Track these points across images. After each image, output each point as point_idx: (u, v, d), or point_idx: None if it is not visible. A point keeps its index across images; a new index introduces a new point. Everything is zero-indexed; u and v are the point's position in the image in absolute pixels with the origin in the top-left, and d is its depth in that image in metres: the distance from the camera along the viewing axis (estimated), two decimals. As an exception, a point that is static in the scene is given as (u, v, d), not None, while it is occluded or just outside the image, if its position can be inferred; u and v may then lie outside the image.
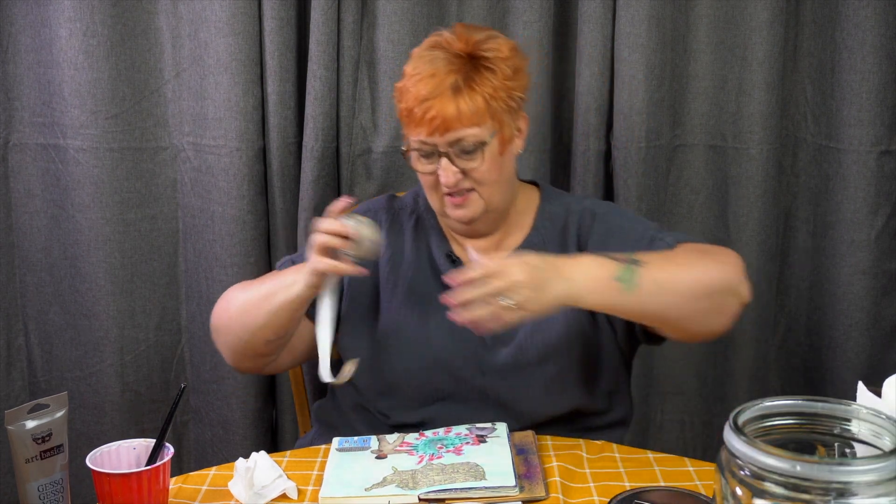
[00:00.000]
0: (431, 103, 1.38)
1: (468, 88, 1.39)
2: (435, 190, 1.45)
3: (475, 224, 1.48)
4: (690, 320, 1.35)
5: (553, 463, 1.32)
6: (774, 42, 1.85)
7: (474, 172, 1.41)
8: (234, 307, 1.48)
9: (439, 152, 1.40)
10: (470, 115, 1.38)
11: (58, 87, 1.84)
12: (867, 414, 0.96)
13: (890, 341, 1.93)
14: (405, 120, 1.42)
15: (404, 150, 1.45)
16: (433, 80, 1.39)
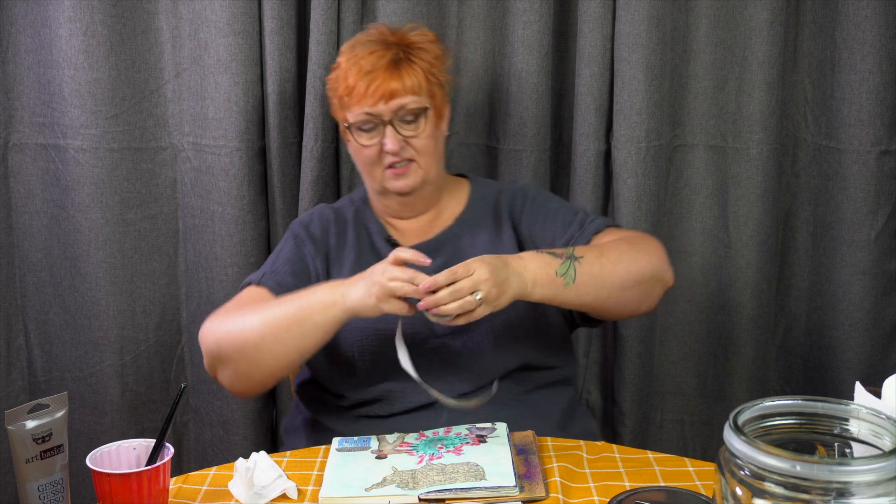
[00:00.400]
0: (375, 74, 1.52)
1: (407, 61, 1.54)
2: (376, 164, 1.56)
3: (412, 197, 1.59)
4: (622, 307, 1.50)
5: (553, 463, 1.32)
6: (774, 42, 1.85)
7: (415, 141, 1.54)
8: (253, 334, 1.41)
9: (384, 122, 1.53)
10: (411, 84, 1.53)
11: (58, 87, 1.84)
12: (867, 414, 0.96)
13: (890, 341, 1.93)
14: (346, 99, 1.54)
15: (346, 127, 1.56)
16: (373, 55, 1.53)
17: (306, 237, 1.60)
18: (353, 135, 1.56)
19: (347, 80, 1.54)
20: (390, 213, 1.64)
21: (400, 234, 1.63)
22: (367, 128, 1.54)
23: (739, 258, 1.94)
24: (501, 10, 1.89)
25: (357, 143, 1.56)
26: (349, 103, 1.54)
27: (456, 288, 1.31)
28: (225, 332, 1.44)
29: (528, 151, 1.90)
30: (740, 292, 1.94)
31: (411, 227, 1.64)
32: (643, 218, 1.88)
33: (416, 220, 1.64)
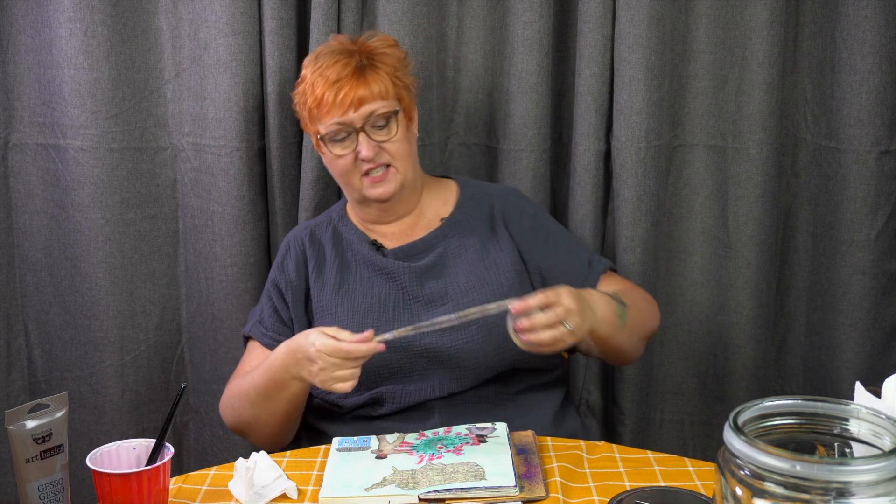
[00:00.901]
0: (343, 83, 1.53)
1: (371, 68, 1.56)
2: (352, 173, 1.57)
3: (392, 202, 1.61)
4: (629, 354, 1.60)
5: (553, 463, 1.32)
6: (774, 42, 1.85)
7: (389, 145, 1.56)
8: (247, 415, 1.54)
9: (356, 129, 1.54)
10: (378, 90, 1.54)
11: (58, 87, 1.84)
12: (866, 414, 0.96)
13: (890, 341, 1.93)
14: (315, 111, 1.56)
15: (318, 139, 1.57)
16: (338, 65, 1.54)
17: (281, 278, 1.64)
18: (327, 146, 1.57)
19: (315, 92, 1.55)
20: (371, 219, 1.65)
21: (382, 238, 1.64)
22: (340, 137, 1.56)
23: (739, 258, 1.94)
24: (501, 10, 1.89)
25: (331, 153, 1.57)
26: (318, 115, 1.55)
27: (551, 317, 1.32)
28: (232, 419, 1.59)
29: (528, 151, 1.90)
30: (740, 292, 1.94)
31: (393, 231, 1.65)
32: (643, 218, 1.88)
33: (398, 224, 1.65)
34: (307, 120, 1.60)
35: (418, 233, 1.63)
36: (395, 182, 1.58)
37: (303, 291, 1.62)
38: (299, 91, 1.60)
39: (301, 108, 1.61)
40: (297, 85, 1.62)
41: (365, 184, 1.58)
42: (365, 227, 1.66)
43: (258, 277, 1.91)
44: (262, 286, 1.90)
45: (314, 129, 1.58)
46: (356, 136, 1.55)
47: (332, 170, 1.62)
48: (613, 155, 1.88)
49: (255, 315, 1.67)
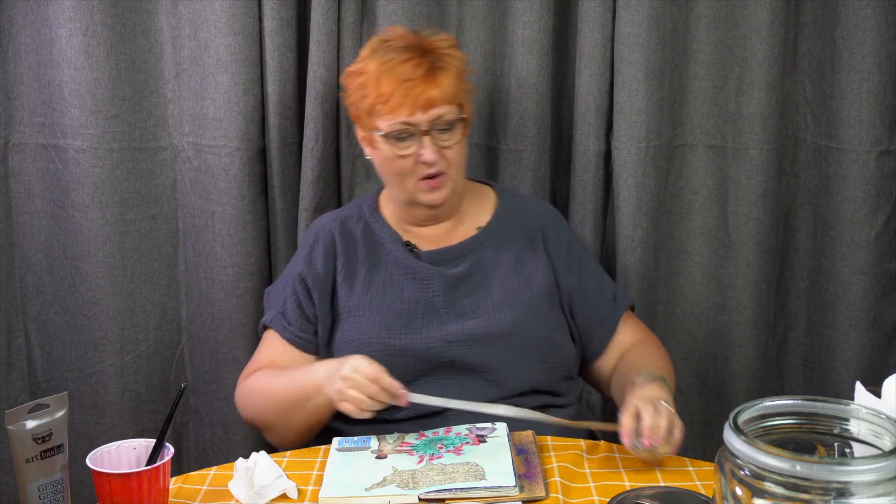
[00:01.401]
0: (414, 83, 1.48)
1: (441, 70, 1.50)
2: (409, 176, 1.53)
3: (441, 208, 1.58)
4: None
5: (553, 463, 1.32)
6: (774, 42, 1.85)
7: (448, 151, 1.52)
8: (268, 415, 1.53)
9: (420, 131, 1.50)
10: (448, 94, 1.50)
11: (58, 87, 1.84)
12: (866, 414, 0.96)
13: (890, 341, 1.93)
14: (379, 108, 1.50)
15: (372, 134, 1.53)
16: (410, 63, 1.49)
17: (308, 273, 1.59)
18: (387, 144, 1.52)
19: (381, 88, 1.50)
20: (412, 221, 1.62)
21: (417, 239, 1.62)
22: (402, 137, 1.51)
23: (739, 258, 1.94)
24: (501, 10, 1.89)
25: (391, 152, 1.52)
26: (382, 111, 1.50)
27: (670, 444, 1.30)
28: (250, 413, 1.58)
29: (528, 151, 1.90)
30: (740, 292, 1.94)
31: (430, 234, 1.62)
32: (643, 218, 1.88)
33: (436, 227, 1.63)
34: (363, 113, 1.54)
35: (454, 239, 1.61)
36: (448, 189, 1.55)
37: (329, 287, 1.59)
38: (357, 83, 1.55)
39: (358, 99, 1.55)
40: (353, 75, 1.56)
41: (420, 187, 1.54)
42: (400, 226, 1.63)
43: (258, 277, 1.91)
44: (262, 286, 1.91)
45: (371, 124, 1.53)
46: (419, 138, 1.50)
47: (385, 167, 1.57)
48: (613, 155, 1.88)
49: (276, 304, 1.62)
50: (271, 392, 1.52)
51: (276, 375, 1.54)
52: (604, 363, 1.62)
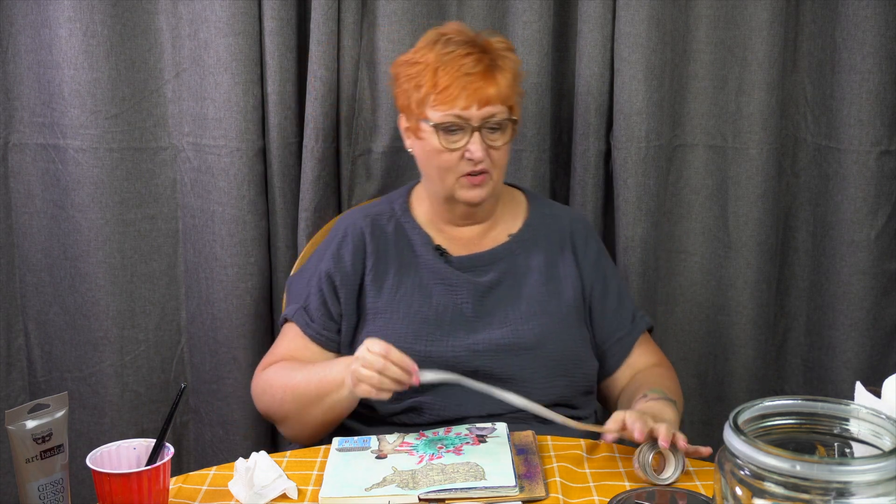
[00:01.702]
0: (474, 78, 1.48)
1: (499, 69, 1.51)
2: (452, 171, 1.52)
3: (478, 208, 1.56)
4: None
5: (553, 463, 1.32)
6: (774, 42, 1.85)
7: (494, 152, 1.51)
8: (284, 408, 1.51)
9: (472, 127, 1.48)
10: (504, 93, 1.50)
11: (58, 87, 1.84)
12: (866, 414, 0.96)
13: (890, 341, 1.93)
14: (434, 98, 1.49)
15: (423, 125, 1.50)
16: (470, 58, 1.48)
17: (337, 271, 1.56)
18: (436, 136, 1.50)
19: (437, 78, 1.48)
20: (448, 220, 1.60)
21: (449, 241, 1.59)
22: (454, 129, 1.49)
23: (739, 258, 1.94)
24: (501, 10, 1.89)
25: (439, 145, 1.50)
26: (436, 102, 1.49)
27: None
28: (266, 405, 1.55)
29: (528, 151, 1.90)
30: (740, 292, 1.94)
31: (462, 237, 1.60)
32: (643, 218, 1.88)
33: (469, 230, 1.61)
34: (414, 102, 1.52)
35: (485, 244, 1.59)
36: (488, 189, 1.53)
37: (357, 286, 1.56)
38: (411, 72, 1.53)
39: (410, 88, 1.53)
40: (406, 64, 1.55)
41: (462, 183, 1.52)
42: (433, 226, 1.60)
43: (258, 277, 1.91)
44: (263, 286, 1.91)
45: (421, 114, 1.51)
46: (469, 134, 1.49)
47: (428, 160, 1.54)
48: (613, 155, 1.88)
49: (299, 298, 1.59)
50: (290, 385, 1.49)
51: (295, 369, 1.51)
52: (614, 382, 1.60)
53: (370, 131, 1.90)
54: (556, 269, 1.58)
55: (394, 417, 1.49)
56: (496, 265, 1.57)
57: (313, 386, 1.45)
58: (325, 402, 1.44)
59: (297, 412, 1.49)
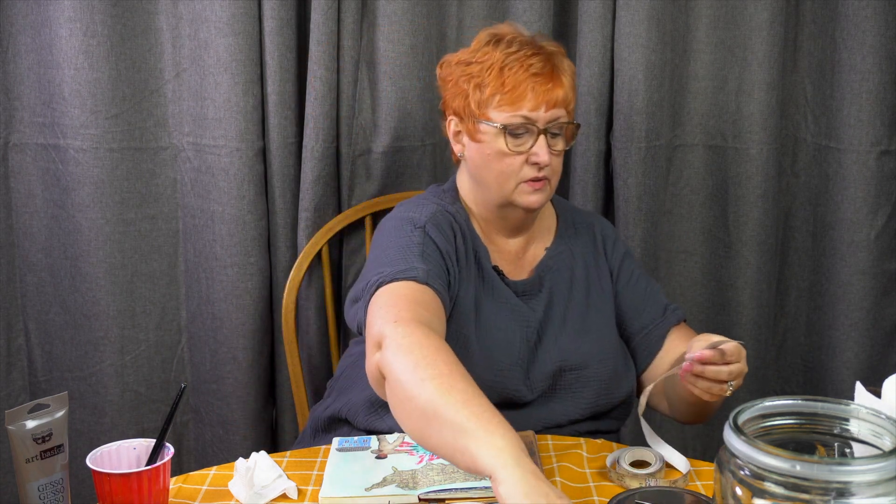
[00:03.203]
0: (543, 78, 1.42)
1: (563, 71, 1.46)
2: (513, 176, 1.45)
3: (531, 216, 1.52)
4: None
5: (553, 463, 1.32)
6: (774, 42, 1.85)
7: (555, 159, 1.45)
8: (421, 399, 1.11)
9: (538, 130, 1.43)
10: (569, 96, 1.46)
11: (58, 87, 1.84)
12: (867, 414, 0.96)
13: (890, 341, 1.93)
14: (500, 97, 1.42)
15: (498, 126, 1.42)
16: (538, 58, 1.43)
17: (441, 240, 1.43)
18: (500, 138, 1.43)
19: (504, 78, 1.42)
20: (498, 228, 1.53)
21: (499, 257, 1.52)
22: (519, 132, 1.43)
23: (739, 258, 1.94)
24: (501, 11, 1.89)
25: (503, 148, 1.43)
26: (502, 102, 1.42)
27: (728, 370, 1.29)
28: (401, 369, 1.16)
29: (528, 151, 1.90)
30: (740, 292, 1.94)
31: (509, 250, 1.54)
32: (643, 218, 1.88)
33: (514, 242, 1.55)
34: (474, 102, 1.44)
35: (528, 259, 1.54)
36: (546, 194, 1.47)
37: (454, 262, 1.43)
38: (470, 71, 1.45)
39: (469, 89, 1.45)
40: (462, 64, 1.47)
41: (521, 188, 1.45)
42: (487, 237, 1.52)
43: (258, 277, 1.91)
44: (263, 286, 1.91)
45: (482, 115, 1.44)
46: (535, 136, 1.43)
47: (487, 163, 1.45)
48: (613, 155, 1.89)
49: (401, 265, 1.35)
50: (438, 393, 1.11)
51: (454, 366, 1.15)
52: (652, 375, 1.54)
53: (370, 131, 1.90)
54: (593, 278, 1.55)
55: None
56: (544, 287, 1.51)
57: (456, 427, 1.08)
58: (454, 446, 1.08)
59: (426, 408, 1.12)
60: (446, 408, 1.09)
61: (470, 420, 1.07)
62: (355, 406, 1.48)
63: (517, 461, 1.04)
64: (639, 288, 1.57)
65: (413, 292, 1.31)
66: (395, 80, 1.86)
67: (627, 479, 1.26)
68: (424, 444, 1.15)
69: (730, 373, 1.30)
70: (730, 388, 1.31)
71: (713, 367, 1.29)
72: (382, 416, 1.44)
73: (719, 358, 1.29)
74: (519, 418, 1.39)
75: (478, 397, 1.11)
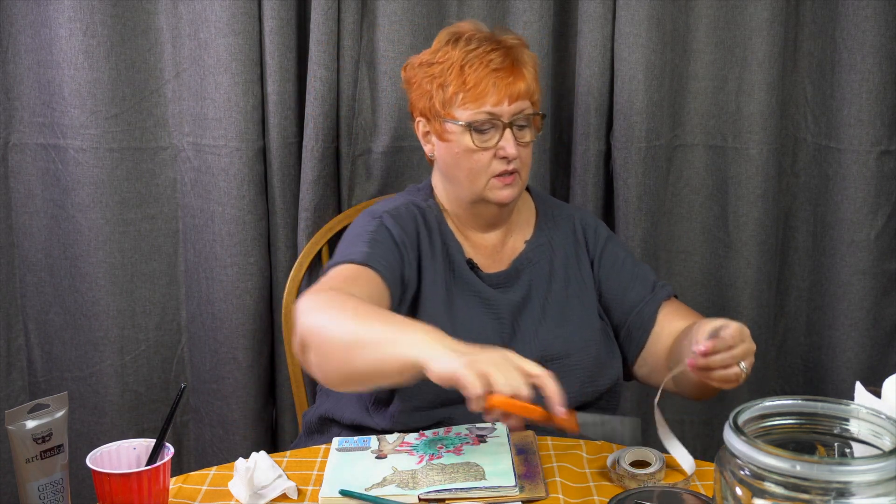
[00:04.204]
0: (504, 73, 1.44)
1: (523, 63, 1.46)
2: (482, 172, 1.47)
3: (506, 209, 1.52)
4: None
5: (553, 463, 1.32)
6: (774, 42, 1.85)
7: (523, 151, 1.47)
8: (334, 340, 1.23)
9: (503, 124, 1.44)
10: (531, 88, 1.47)
11: (58, 87, 1.84)
12: (867, 414, 0.96)
13: (890, 341, 1.93)
14: (463, 95, 1.44)
15: (463, 124, 1.45)
16: (497, 53, 1.45)
17: (397, 228, 1.46)
18: (467, 136, 1.45)
19: (466, 76, 1.43)
20: (472, 224, 1.55)
21: (474, 251, 1.54)
22: (485, 127, 1.45)
23: (739, 258, 1.94)
24: (501, 10, 1.89)
25: (470, 145, 1.45)
26: (465, 100, 1.44)
27: (732, 354, 1.25)
28: (317, 323, 1.25)
29: (527, 151, 1.90)
30: (740, 292, 1.94)
31: (485, 244, 1.55)
32: (643, 218, 1.88)
33: (490, 236, 1.56)
34: (439, 103, 1.47)
35: (506, 252, 1.55)
36: (518, 188, 1.48)
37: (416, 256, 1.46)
38: (433, 71, 1.47)
39: (433, 89, 1.47)
40: (425, 65, 1.50)
41: (492, 184, 1.47)
42: (461, 233, 1.54)
43: (258, 277, 1.91)
44: (263, 286, 1.91)
45: (447, 114, 1.46)
46: (501, 131, 1.44)
47: (457, 162, 1.48)
48: (613, 155, 1.89)
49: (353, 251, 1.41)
50: (355, 320, 1.23)
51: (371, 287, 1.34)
52: (649, 356, 1.52)
53: (370, 131, 1.90)
54: (573, 270, 1.56)
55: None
56: (521, 279, 1.53)
57: (380, 339, 1.19)
58: (386, 361, 1.18)
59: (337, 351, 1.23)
60: (366, 331, 1.21)
61: (386, 331, 1.20)
62: (341, 403, 1.51)
63: (439, 342, 1.15)
64: (625, 269, 1.57)
65: (345, 272, 1.38)
66: (395, 80, 1.86)
67: (626, 479, 1.26)
68: (353, 375, 1.23)
69: (734, 357, 1.27)
70: (744, 371, 1.28)
71: (718, 356, 1.27)
72: (371, 413, 1.46)
73: (722, 346, 1.26)
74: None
75: (394, 316, 1.25)
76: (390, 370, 1.19)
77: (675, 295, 1.58)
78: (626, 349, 1.56)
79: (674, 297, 1.57)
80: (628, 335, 1.55)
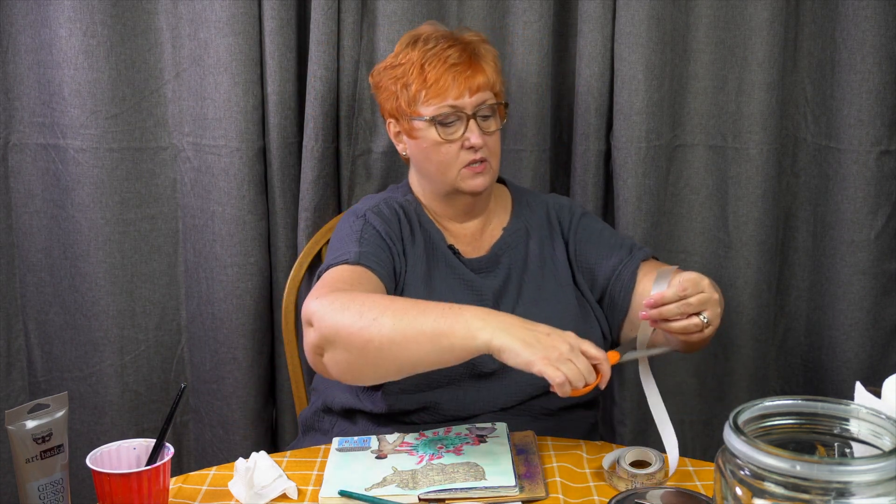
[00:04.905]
0: (462, 67, 1.50)
1: (482, 57, 1.54)
2: (452, 164, 1.53)
3: (479, 198, 1.57)
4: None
5: (553, 463, 1.32)
6: (774, 42, 1.85)
7: (489, 139, 1.52)
8: (381, 335, 1.24)
9: (467, 115, 1.50)
10: (490, 80, 1.52)
11: (58, 87, 1.84)
12: (867, 414, 0.96)
13: (890, 341, 1.93)
14: (424, 93, 1.50)
15: (427, 120, 1.50)
16: (454, 49, 1.51)
17: (381, 223, 1.52)
18: (432, 130, 1.50)
19: (426, 74, 1.50)
20: (451, 215, 1.60)
21: (455, 239, 1.59)
22: (449, 121, 1.50)
23: (739, 258, 1.94)
24: (501, 10, 1.89)
25: (436, 139, 1.51)
26: (428, 97, 1.50)
27: (686, 302, 1.27)
28: (347, 323, 1.26)
29: (528, 151, 1.90)
30: (740, 292, 1.94)
31: (465, 233, 1.61)
32: (643, 218, 1.88)
33: (469, 225, 1.61)
34: (404, 103, 1.53)
35: (485, 239, 1.60)
36: (489, 176, 1.54)
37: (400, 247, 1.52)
38: (395, 74, 1.54)
39: (397, 90, 1.54)
40: (389, 68, 1.56)
41: (463, 174, 1.52)
42: (440, 223, 1.60)
43: (258, 277, 1.91)
44: (263, 286, 1.91)
45: (413, 112, 1.52)
46: (465, 122, 1.50)
47: (427, 156, 1.54)
48: (613, 155, 1.88)
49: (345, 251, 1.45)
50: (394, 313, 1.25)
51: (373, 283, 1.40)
52: (635, 316, 1.51)
53: (370, 131, 1.90)
54: (548, 251, 1.60)
55: (407, 416, 1.47)
56: (500, 264, 1.57)
57: (431, 326, 1.22)
58: (441, 343, 1.21)
59: (383, 347, 1.24)
60: (411, 325, 1.23)
61: (438, 321, 1.22)
62: (332, 392, 1.54)
63: (500, 325, 1.21)
64: (603, 238, 1.60)
65: (343, 273, 1.42)
66: (395, 80, 1.86)
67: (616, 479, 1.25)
68: (407, 370, 1.28)
69: (689, 305, 1.27)
70: (705, 321, 1.28)
71: (672, 306, 1.27)
72: (361, 398, 1.48)
73: (673, 296, 1.27)
74: (488, 391, 1.44)
75: (429, 303, 1.26)
76: (450, 358, 1.24)
77: (656, 257, 1.61)
78: (612, 317, 1.58)
79: (653, 258, 1.60)
80: (612, 301, 1.57)
